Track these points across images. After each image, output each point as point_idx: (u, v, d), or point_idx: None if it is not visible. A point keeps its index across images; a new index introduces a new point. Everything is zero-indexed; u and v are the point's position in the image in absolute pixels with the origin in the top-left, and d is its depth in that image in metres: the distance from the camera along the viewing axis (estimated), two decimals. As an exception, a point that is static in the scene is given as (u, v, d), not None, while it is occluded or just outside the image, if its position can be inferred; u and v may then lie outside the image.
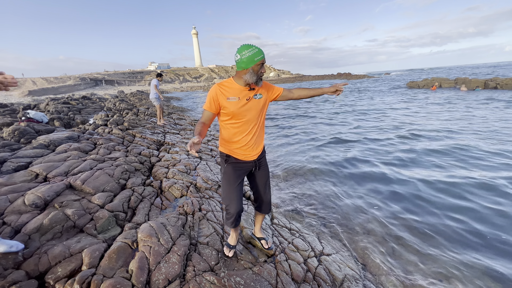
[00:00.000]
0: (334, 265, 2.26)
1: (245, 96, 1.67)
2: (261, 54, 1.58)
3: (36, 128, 5.77)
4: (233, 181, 1.79)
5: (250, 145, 1.76)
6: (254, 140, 1.77)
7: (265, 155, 1.95)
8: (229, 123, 1.72)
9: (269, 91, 1.80)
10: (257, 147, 1.81)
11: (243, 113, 1.67)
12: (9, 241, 1.80)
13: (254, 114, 1.72)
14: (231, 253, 2.08)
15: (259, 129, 1.79)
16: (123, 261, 1.84)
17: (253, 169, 1.86)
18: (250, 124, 1.72)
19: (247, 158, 1.80)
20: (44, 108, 10.94)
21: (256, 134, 1.77)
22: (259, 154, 1.84)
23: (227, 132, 1.76)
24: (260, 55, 1.58)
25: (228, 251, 2.09)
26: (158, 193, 3.20)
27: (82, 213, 2.38)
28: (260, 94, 1.72)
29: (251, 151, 1.78)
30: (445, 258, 2.48)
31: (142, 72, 74.78)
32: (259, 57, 1.57)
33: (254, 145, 1.78)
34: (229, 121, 1.71)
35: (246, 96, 1.67)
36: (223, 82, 1.70)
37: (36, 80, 46.39)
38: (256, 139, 1.78)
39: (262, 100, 1.74)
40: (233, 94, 1.64)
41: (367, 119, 10.17)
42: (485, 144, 5.67)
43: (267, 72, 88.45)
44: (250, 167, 1.84)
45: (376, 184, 4.16)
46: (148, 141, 5.70)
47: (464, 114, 9.48)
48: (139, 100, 17.64)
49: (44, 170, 3.17)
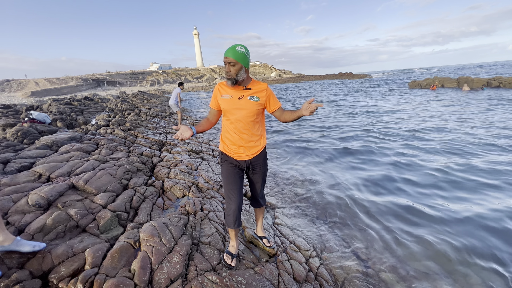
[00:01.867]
0: (336, 265, 2.25)
1: (238, 95, 1.71)
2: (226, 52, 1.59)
3: (39, 129, 5.81)
4: (230, 179, 1.82)
5: (241, 144, 1.77)
6: (246, 140, 1.77)
7: (263, 158, 1.91)
8: (224, 120, 1.84)
9: (269, 101, 1.77)
10: (251, 148, 1.80)
11: (233, 110, 1.72)
12: (31, 242, 1.84)
13: (245, 114, 1.71)
14: (233, 262, 1.94)
15: (253, 131, 1.77)
16: (126, 260, 1.85)
17: (245, 169, 1.87)
18: (241, 123, 1.73)
19: (239, 158, 1.81)
20: (47, 109, 11.01)
21: (249, 134, 1.76)
22: (254, 155, 1.83)
23: (223, 129, 1.86)
24: (225, 54, 1.59)
25: (230, 260, 1.95)
26: (160, 193, 3.21)
27: (85, 213, 2.39)
28: (256, 97, 1.71)
29: (244, 150, 1.79)
30: (448, 256, 2.47)
31: (143, 72, 75.04)
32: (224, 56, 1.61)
33: (247, 146, 1.78)
34: (224, 118, 1.83)
35: (239, 95, 1.71)
36: (223, 81, 1.78)
37: (39, 81, 46.71)
38: (250, 139, 1.78)
39: (257, 104, 1.72)
40: (227, 92, 1.73)
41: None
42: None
43: (268, 72, 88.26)
44: (243, 166, 1.85)
45: (377, 183, 4.15)
46: (150, 142, 5.72)
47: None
48: (141, 101, 17.71)
49: (47, 171, 3.19)
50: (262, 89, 1.74)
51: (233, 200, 1.81)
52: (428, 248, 2.63)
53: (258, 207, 2.15)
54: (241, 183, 1.87)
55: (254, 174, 1.92)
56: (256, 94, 1.72)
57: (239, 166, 1.85)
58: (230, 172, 1.82)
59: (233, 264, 1.94)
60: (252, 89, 1.72)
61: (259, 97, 1.72)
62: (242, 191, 1.86)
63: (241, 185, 1.86)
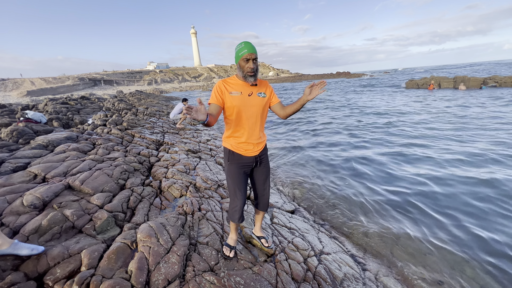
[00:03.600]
0: (334, 264, 2.25)
1: (247, 91, 1.70)
2: (245, 48, 1.56)
3: (34, 129, 5.74)
4: (237, 178, 1.84)
5: (252, 140, 1.79)
6: (256, 136, 1.80)
7: (267, 152, 1.97)
8: (232, 118, 1.74)
9: (272, 95, 1.82)
10: (259, 143, 1.84)
11: (245, 107, 1.70)
12: (30, 245, 1.80)
13: (256, 110, 1.74)
14: (231, 253, 2.04)
15: (261, 126, 1.83)
16: (123, 261, 1.83)
17: (254, 164, 1.89)
18: (252, 119, 1.75)
19: (248, 154, 1.82)
20: (43, 108, 10.90)
21: (258, 130, 1.80)
22: (261, 150, 1.87)
23: (231, 127, 1.79)
24: (244, 49, 1.56)
25: (229, 252, 2.04)
26: (157, 193, 3.19)
27: (81, 214, 2.36)
28: (264, 94, 1.75)
29: (253, 147, 1.81)
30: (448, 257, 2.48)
31: (141, 72, 74.60)
32: (243, 51, 1.57)
33: (256, 141, 1.81)
34: (232, 116, 1.73)
35: (248, 91, 1.70)
36: (227, 79, 1.74)
37: (35, 80, 46.25)
38: (258, 135, 1.81)
39: (264, 100, 1.76)
40: (236, 89, 1.69)
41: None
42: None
43: (266, 72, 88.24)
44: (252, 162, 1.86)
45: (379, 182, 4.16)
46: (147, 141, 5.68)
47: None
48: (138, 100, 17.61)
49: (43, 171, 3.16)
50: (266, 85, 1.80)
51: (239, 198, 1.85)
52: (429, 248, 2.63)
53: (263, 210, 2.08)
54: (246, 182, 1.92)
55: (260, 170, 1.94)
56: (262, 90, 1.75)
57: (247, 163, 1.85)
58: (238, 171, 1.84)
59: (231, 256, 2.02)
60: (258, 85, 1.74)
61: (265, 93, 1.76)
62: (246, 189, 1.91)
63: (246, 184, 1.91)
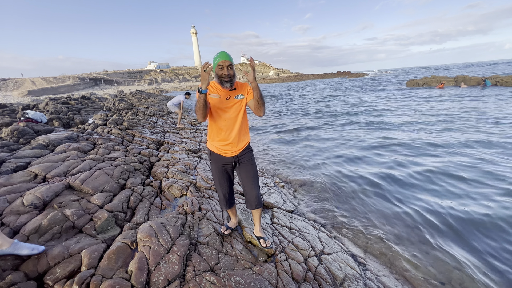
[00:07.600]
0: (335, 264, 2.25)
1: (225, 95, 1.80)
2: (219, 57, 1.67)
3: (35, 128, 5.75)
4: (219, 174, 2.01)
5: (230, 141, 1.88)
6: (235, 137, 1.87)
7: (249, 151, 2.01)
8: (212, 119, 1.87)
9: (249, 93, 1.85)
10: (238, 144, 1.91)
11: (221, 110, 1.82)
12: (30, 244, 1.80)
13: (233, 112, 1.84)
14: (227, 231, 2.31)
15: (240, 127, 1.89)
16: (123, 261, 1.83)
17: (233, 164, 1.98)
18: (230, 121, 1.85)
19: (227, 154, 1.93)
20: (43, 108, 10.91)
21: (237, 131, 1.87)
22: (240, 150, 1.94)
23: (211, 128, 1.92)
24: (219, 58, 1.68)
25: (225, 230, 2.32)
26: (157, 192, 3.19)
27: (81, 214, 2.36)
28: (242, 95, 1.84)
29: (231, 147, 1.90)
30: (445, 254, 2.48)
31: (141, 71, 74.65)
32: (217, 59, 1.68)
33: (234, 142, 1.89)
34: (212, 117, 1.86)
35: (226, 95, 1.81)
36: (212, 82, 1.84)
37: (36, 80, 46.32)
38: (237, 136, 1.88)
39: (243, 101, 1.85)
40: (215, 92, 1.80)
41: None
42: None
43: (266, 71, 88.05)
44: (231, 162, 1.97)
45: (379, 181, 4.15)
46: (148, 141, 5.68)
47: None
48: (139, 100, 17.61)
49: (43, 171, 3.16)
50: (245, 86, 1.88)
51: (221, 189, 2.06)
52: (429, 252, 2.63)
53: (252, 208, 2.09)
54: (229, 177, 2.07)
55: (242, 169, 2.00)
56: (241, 92, 1.84)
57: (226, 164, 1.97)
58: (219, 169, 2.00)
59: (226, 233, 2.31)
60: (238, 89, 1.84)
61: (243, 94, 1.85)
62: (231, 182, 2.09)
63: (229, 178, 2.07)
